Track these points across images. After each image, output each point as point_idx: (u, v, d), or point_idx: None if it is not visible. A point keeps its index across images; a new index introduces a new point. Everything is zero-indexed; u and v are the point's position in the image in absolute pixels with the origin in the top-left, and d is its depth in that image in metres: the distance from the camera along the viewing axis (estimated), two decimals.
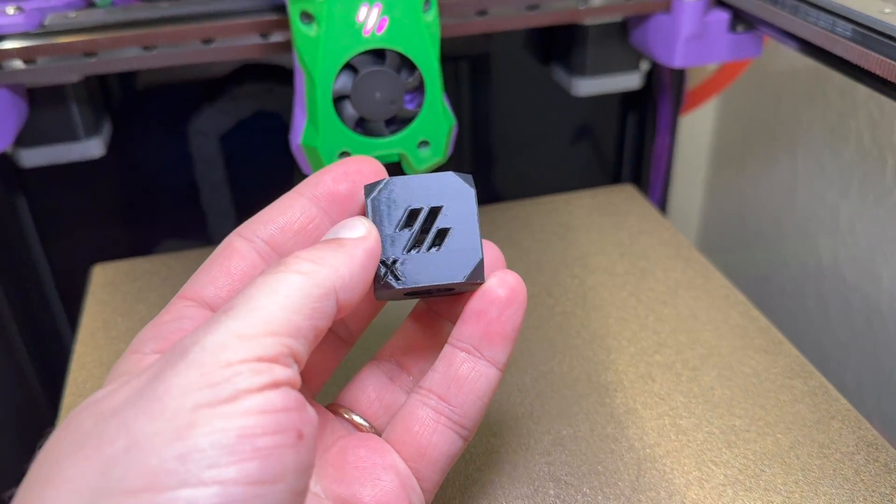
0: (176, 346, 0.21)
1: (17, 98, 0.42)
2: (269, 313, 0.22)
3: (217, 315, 0.22)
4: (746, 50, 0.48)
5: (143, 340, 0.25)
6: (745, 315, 0.42)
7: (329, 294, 0.23)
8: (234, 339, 0.21)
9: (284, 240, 0.27)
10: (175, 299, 0.26)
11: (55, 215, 0.54)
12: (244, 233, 0.27)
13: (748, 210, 0.71)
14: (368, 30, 0.36)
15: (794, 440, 0.34)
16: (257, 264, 0.27)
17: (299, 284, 0.23)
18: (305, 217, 0.27)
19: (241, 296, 0.22)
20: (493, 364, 0.27)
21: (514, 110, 0.60)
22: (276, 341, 0.21)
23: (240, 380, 0.20)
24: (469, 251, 0.26)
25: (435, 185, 0.27)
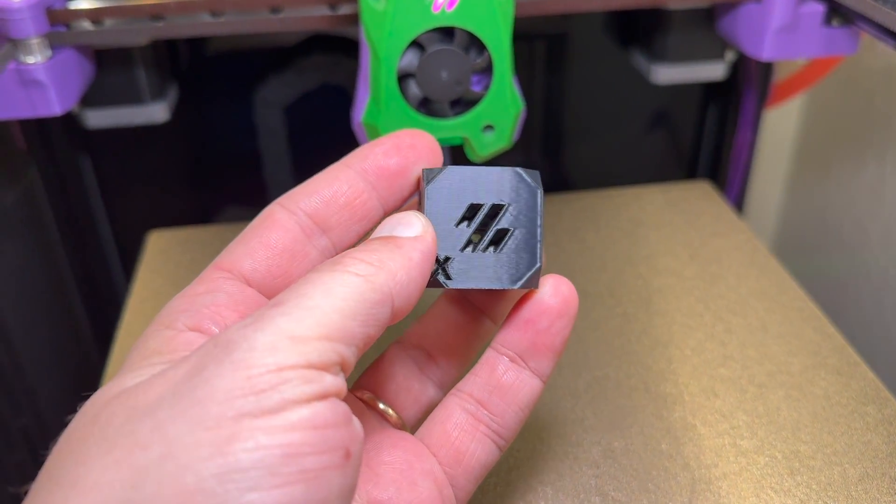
0: (220, 338, 0.20)
1: (84, 59, 0.42)
2: (324, 315, 0.20)
3: (267, 309, 0.20)
4: (841, 45, 0.45)
5: (175, 313, 0.24)
6: (819, 331, 0.39)
7: (386, 300, 0.22)
8: (286, 340, 0.19)
9: (329, 214, 0.26)
10: (210, 269, 0.25)
11: (119, 177, 0.54)
12: (286, 203, 0.26)
13: (830, 213, 0.68)
14: (438, 6, 0.35)
15: (864, 473, 0.32)
16: (298, 238, 0.25)
17: (357, 287, 0.21)
18: (352, 191, 0.26)
19: (294, 291, 0.21)
20: (538, 375, 0.26)
21: (589, 94, 0.58)
22: (329, 347, 0.20)
23: (288, 388, 0.19)
24: (527, 257, 0.25)
25: (499, 180, 0.25)
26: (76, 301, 0.55)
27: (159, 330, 0.23)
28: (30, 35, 0.38)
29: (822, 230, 0.69)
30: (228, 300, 0.24)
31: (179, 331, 0.23)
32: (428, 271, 0.24)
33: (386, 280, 0.22)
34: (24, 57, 0.38)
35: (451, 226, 0.25)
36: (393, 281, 0.22)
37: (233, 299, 0.24)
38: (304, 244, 0.25)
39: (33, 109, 0.39)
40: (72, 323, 0.55)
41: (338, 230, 0.26)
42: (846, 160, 0.65)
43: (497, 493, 0.32)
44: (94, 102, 0.46)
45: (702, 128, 0.59)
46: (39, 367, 0.49)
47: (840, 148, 0.66)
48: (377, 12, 0.35)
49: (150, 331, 0.23)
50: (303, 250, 0.25)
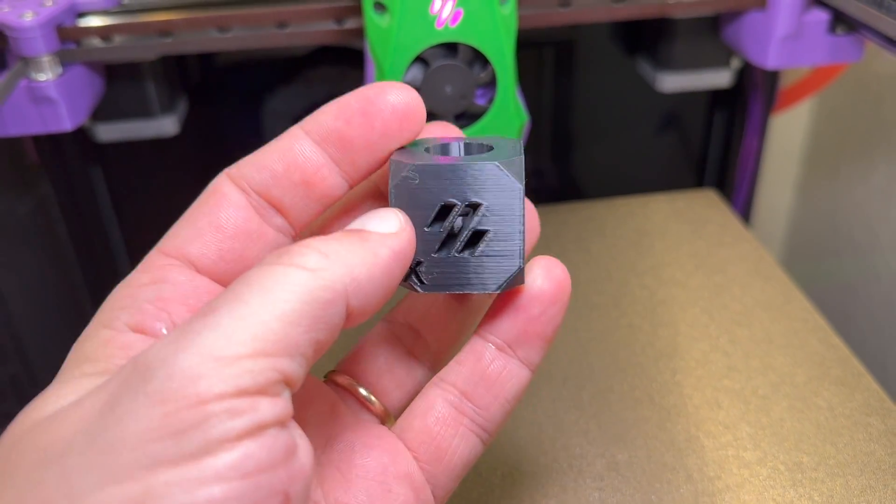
0: (139, 360, 0.17)
1: (94, 74, 0.43)
2: (261, 324, 0.17)
3: (196, 319, 0.17)
4: (846, 53, 0.45)
5: (115, 310, 0.20)
6: (824, 342, 0.39)
7: (338, 299, 0.18)
8: (211, 362, 0.16)
9: (281, 192, 0.22)
10: (153, 254, 0.22)
11: (130, 189, 0.54)
12: (235, 177, 0.22)
13: (840, 217, 0.67)
14: (442, 22, 0.35)
15: (867, 485, 0.32)
16: (251, 217, 0.22)
17: (303, 284, 0.18)
18: (309, 166, 0.22)
19: (228, 294, 0.18)
20: (526, 365, 0.24)
21: (596, 102, 0.58)
22: (266, 365, 0.17)
23: (213, 425, 0.16)
24: (507, 257, 0.22)
25: (475, 176, 0.22)
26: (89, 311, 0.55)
27: (97, 330, 0.20)
28: (41, 53, 0.38)
29: (832, 234, 0.69)
30: (175, 292, 0.21)
31: (118, 331, 0.20)
32: (398, 273, 0.21)
33: (340, 275, 0.19)
34: (36, 74, 0.39)
35: (422, 227, 0.22)
36: (349, 277, 0.19)
37: (180, 291, 0.21)
38: (258, 223, 0.22)
39: (45, 125, 0.40)
40: None
41: (293, 211, 0.22)
42: (855, 164, 0.64)
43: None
44: (104, 117, 0.46)
45: (709, 134, 0.59)
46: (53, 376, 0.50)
47: (849, 152, 0.65)
48: (382, 29, 0.35)
49: (89, 331, 0.20)
50: (258, 230, 0.22)
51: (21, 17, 0.37)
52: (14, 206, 0.49)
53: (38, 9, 0.38)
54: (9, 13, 0.38)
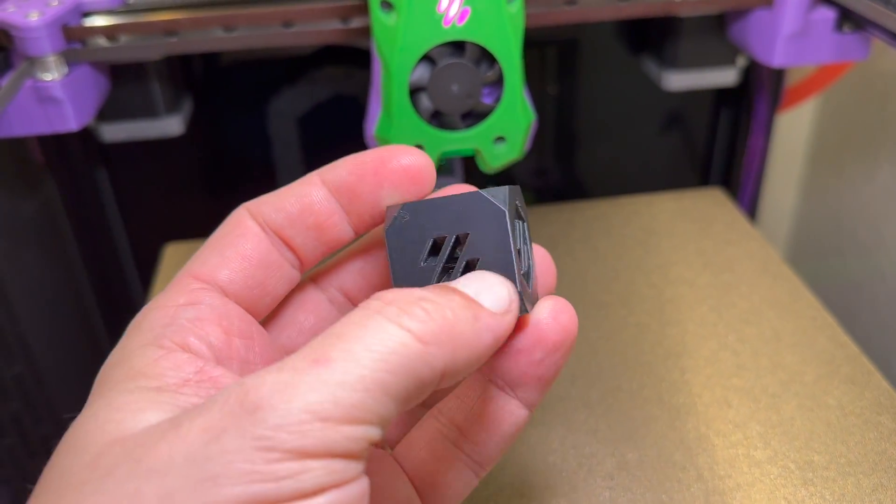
0: (247, 397, 0.18)
1: (99, 74, 0.43)
2: (366, 392, 0.18)
3: (304, 363, 0.18)
4: (852, 51, 0.45)
5: (158, 328, 0.22)
6: (833, 340, 0.39)
7: (435, 380, 0.19)
8: (317, 422, 0.17)
9: (294, 233, 0.24)
10: (184, 277, 0.23)
11: (135, 189, 0.54)
12: (255, 213, 0.24)
13: (845, 216, 0.67)
14: (449, 20, 0.35)
15: (878, 483, 0.32)
16: (270, 250, 0.24)
17: (411, 355, 0.18)
18: (322, 211, 0.24)
19: (341, 341, 0.18)
20: (525, 405, 0.24)
21: (600, 101, 0.58)
22: (362, 434, 0.18)
23: (308, 478, 0.17)
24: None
25: (461, 207, 0.22)
26: (94, 311, 0.55)
27: (143, 347, 0.21)
28: (46, 53, 0.38)
29: (837, 233, 0.69)
30: (212, 314, 0.22)
31: (168, 350, 0.21)
32: (479, 363, 0.20)
33: (444, 357, 0.19)
34: (41, 74, 0.39)
35: (416, 266, 0.23)
36: (450, 358, 0.19)
37: (216, 313, 0.22)
38: (276, 255, 0.24)
39: (50, 125, 0.40)
40: (90, 333, 0.56)
41: (303, 249, 0.24)
42: (860, 163, 0.64)
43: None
44: (109, 117, 0.46)
45: (714, 133, 0.59)
46: (59, 377, 0.50)
47: (854, 151, 0.65)
48: (388, 27, 0.35)
49: (133, 346, 0.21)
50: (276, 261, 0.24)
51: (27, 17, 0.37)
52: (19, 207, 0.49)
53: (44, 8, 0.38)
54: (14, 13, 0.38)
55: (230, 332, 0.23)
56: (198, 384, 0.20)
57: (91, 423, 0.19)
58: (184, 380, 0.20)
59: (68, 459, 0.19)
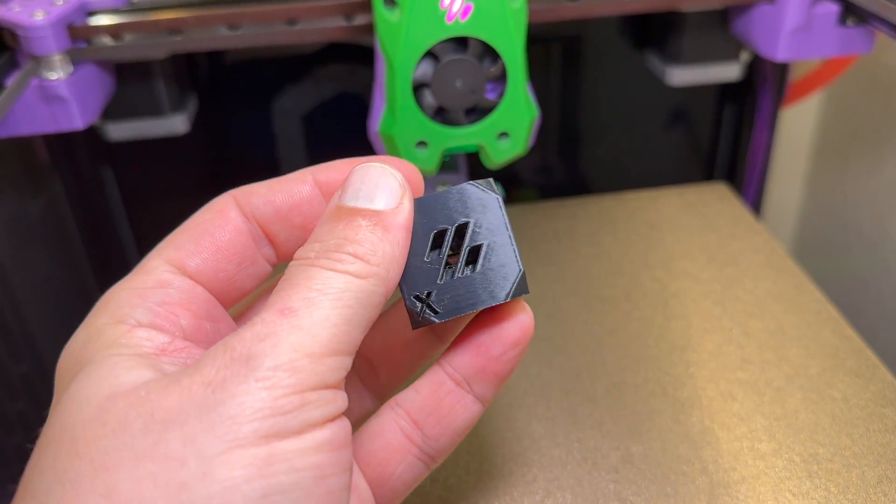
0: (237, 351, 0.19)
1: (104, 73, 0.43)
2: (335, 327, 0.20)
3: (277, 316, 0.20)
4: (856, 45, 0.45)
5: (126, 307, 0.22)
6: (837, 333, 0.39)
7: (383, 298, 0.21)
8: (305, 358, 0.19)
9: (279, 229, 0.24)
10: (154, 258, 0.23)
11: (140, 187, 0.55)
12: (241, 202, 0.24)
13: (850, 210, 0.67)
14: (452, 16, 0.35)
15: (882, 475, 0.32)
16: (248, 244, 0.24)
17: (361, 290, 0.21)
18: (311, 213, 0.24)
19: (300, 294, 0.20)
20: (480, 400, 0.25)
21: (604, 96, 0.58)
22: (340, 363, 0.20)
23: (310, 410, 0.19)
24: (507, 265, 0.23)
25: (454, 201, 0.24)
26: None
27: (113, 325, 0.22)
28: (51, 52, 0.38)
29: (842, 227, 0.69)
30: (181, 298, 0.23)
31: (134, 326, 0.22)
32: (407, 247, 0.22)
33: (384, 277, 0.21)
34: (47, 73, 0.39)
35: (421, 260, 0.23)
36: (386, 277, 0.21)
37: (185, 297, 0.23)
38: (252, 250, 0.24)
39: (56, 124, 0.40)
40: None
41: (284, 246, 0.25)
42: (865, 157, 0.64)
43: (514, 499, 0.32)
44: (115, 115, 0.47)
45: (718, 128, 0.59)
46: None
47: (859, 145, 0.65)
48: (392, 24, 0.35)
49: (101, 324, 0.22)
50: (251, 256, 0.24)
51: (32, 16, 0.38)
52: (25, 206, 0.49)
53: (49, 8, 0.39)
54: (20, 12, 0.38)
55: (199, 316, 0.23)
56: (172, 353, 0.21)
57: (83, 384, 0.20)
58: (160, 348, 0.21)
59: (70, 417, 0.19)
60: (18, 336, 0.46)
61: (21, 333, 0.46)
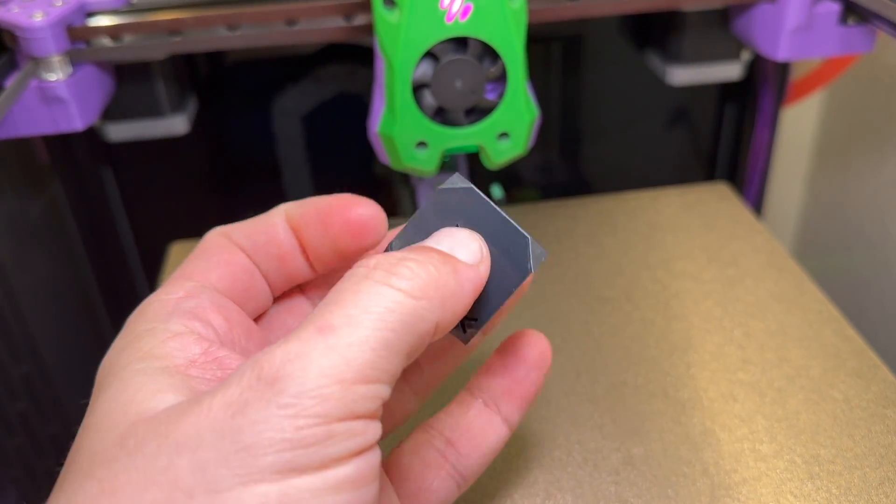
0: (264, 370, 0.18)
1: (104, 74, 0.43)
2: (373, 353, 0.19)
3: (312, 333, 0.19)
4: (857, 44, 0.45)
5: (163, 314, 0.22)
6: (839, 333, 0.39)
7: (431, 332, 0.20)
8: (335, 385, 0.18)
9: (260, 260, 0.25)
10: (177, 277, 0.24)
11: (140, 188, 0.55)
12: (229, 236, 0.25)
13: (851, 210, 0.67)
14: (451, 17, 0.35)
15: (884, 476, 0.32)
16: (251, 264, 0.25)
17: (409, 313, 0.19)
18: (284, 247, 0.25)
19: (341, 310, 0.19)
20: (507, 423, 0.27)
21: (605, 96, 0.58)
22: (375, 392, 0.19)
23: (335, 443, 0.18)
24: (515, 242, 0.23)
25: (438, 209, 0.24)
26: (100, 310, 0.55)
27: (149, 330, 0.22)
28: (51, 53, 0.38)
29: (844, 227, 0.69)
30: (212, 304, 0.23)
31: (173, 332, 0.22)
32: (463, 312, 0.22)
33: (436, 309, 0.20)
34: (46, 74, 0.39)
35: None
36: (441, 311, 0.20)
37: (215, 303, 0.23)
38: (255, 279, 0.25)
39: (55, 125, 0.40)
40: (96, 332, 0.56)
41: (269, 276, 0.26)
42: (866, 156, 0.64)
43: (515, 501, 0.32)
44: (114, 116, 0.46)
45: (719, 128, 0.59)
46: (66, 377, 0.50)
47: (860, 144, 0.65)
48: (391, 24, 0.35)
49: (139, 330, 0.22)
50: (256, 272, 0.25)
51: (31, 18, 0.37)
52: (25, 206, 0.49)
53: (48, 9, 0.38)
54: (19, 13, 0.38)
55: (230, 321, 0.23)
56: (203, 365, 0.21)
57: (111, 405, 0.20)
58: (190, 360, 0.21)
59: (94, 440, 0.19)
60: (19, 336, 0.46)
61: (21, 334, 0.46)
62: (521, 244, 0.23)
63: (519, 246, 0.23)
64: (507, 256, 0.23)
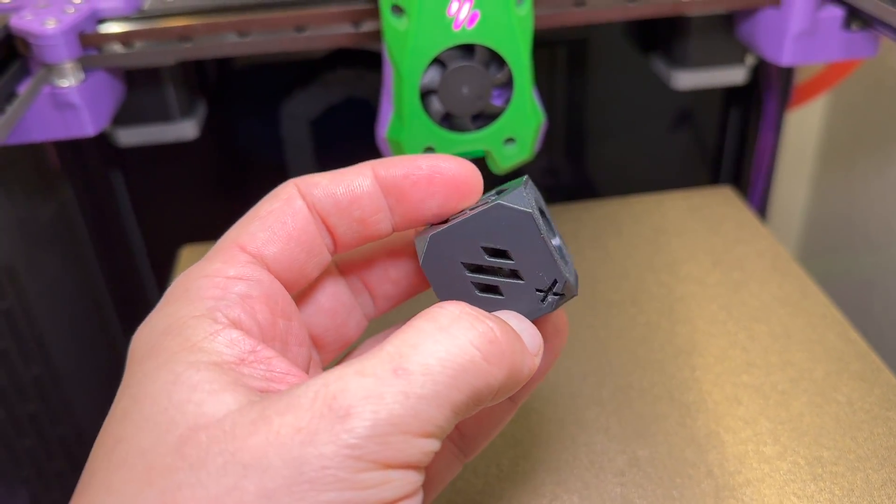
0: (337, 399, 0.18)
1: (115, 80, 0.43)
2: (439, 409, 0.19)
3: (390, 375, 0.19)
4: (860, 49, 0.45)
5: (210, 300, 0.21)
6: (842, 337, 0.39)
7: (487, 399, 0.21)
8: (401, 435, 0.18)
9: (337, 221, 0.24)
10: (231, 246, 0.23)
11: (150, 193, 0.55)
12: (305, 191, 0.24)
13: (856, 213, 0.67)
14: (459, 24, 0.35)
15: (887, 478, 0.32)
16: (314, 234, 0.24)
17: (478, 376, 0.20)
18: (369, 208, 0.24)
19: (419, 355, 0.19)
20: (514, 399, 0.26)
21: (610, 100, 0.59)
22: (431, 446, 0.19)
23: (390, 489, 0.18)
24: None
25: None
26: (111, 314, 0.56)
27: (197, 318, 0.21)
28: (63, 59, 0.39)
29: (848, 230, 0.69)
30: (260, 291, 0.22)
31: (221, 325, 0.21)
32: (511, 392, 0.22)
33: (499, 380, 0.20)
34: (58, 80, 0.39)
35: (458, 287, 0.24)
36: (504, 382, 0.21)
37: (264, 291, 0.22)
38: (319, 239, 0.24)
39: (67, 131, 0.41)
40: (107, 335, 0.56)
41: (342, 239, 0.24)
42: (871, 159, 0.64)
43: (522, 503, 0.32)
44: (125, 121, 0.47)
45: (724, 131, 0.59)
46: (76, 379, 0.51)
47: (865, 147, 0.65)
48: (399, 31, 0.35)
49: (184, 316, 0.21)
50: (318, 245, 0.24)
51: (44, 25, 0.38)
52: (36, 211, 0.50)
53: (61, 16, 0.39)
54: (32, 20, 0.38)
55: (275, 313, 0.23)
56: (252, 364, 0.21)
57: (164, 401, 0.19)
58: (240, 358, 0.21)
59: (146, 437, 0.19)
60: (29, 339, 0.46)
61: (32, 336, 0.46)
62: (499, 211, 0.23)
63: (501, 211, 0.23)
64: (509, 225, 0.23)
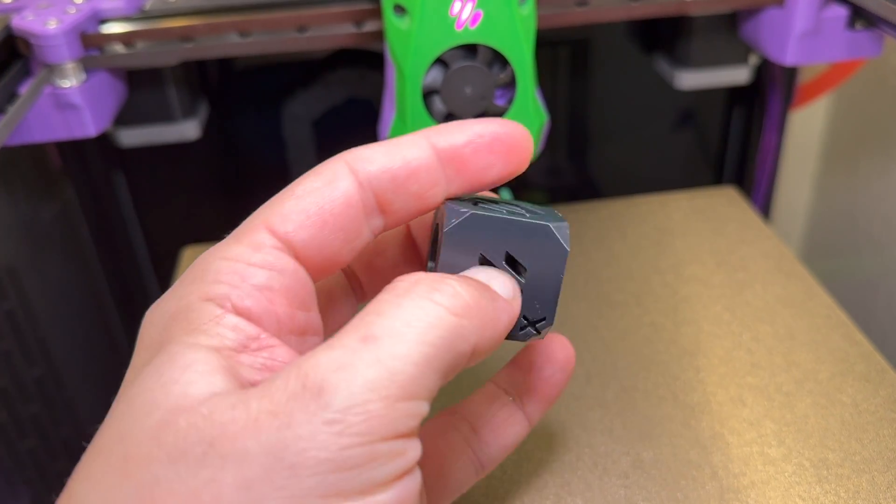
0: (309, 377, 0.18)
1: (116, 80, 0.43)
2: (417, 369, 0.18)
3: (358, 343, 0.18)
4: (865, 49, 0.45)
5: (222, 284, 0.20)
6: (847, 338, 0.39)
7: (468, 353, 0.20)
8: (380, 401, 0.18)
9: (393, 197, 0.22)
10: (260, 227, 0.21)
11: (152, 193, 0.55)
12: (355, 168, 0.22)
13: (860, 212, 0.67)
14: (461, 24, 0.35)
15: (892, 480, 0.32)
16: (359, 218, 0.22)
17: (450, 331, 0.19)
18: (428, 181, 0.22)
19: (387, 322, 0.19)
20: (528, 420, 0.27)
21: (613, 100, 0.58)
22: (417, 408, 0.18)
23: (377, 466, 0.18)
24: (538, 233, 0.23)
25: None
26: (113, 314, 0.56)
27: (204, 302, 0.20)
28: (65, 60, 0.39)
29: (852, 231, 0.69)
30: (283, 284, 0.21)
31: (227, 310, 0.20)
32: (497, 344, 0.22)
33: (476, 331, 0.20)
34: (60, 81, 0.39)
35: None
36: (479, 333, 0.20)
37: (287, 283, 0.21)
38: (360, 223, 0.22)
39: (69, 131, 0.41)
40: (109, 336, 0.56)
41: (396, 216, 0.22)
42: (874, 159, 0.64)
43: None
44: (126, 122, 0.47)
45: (727, 132, 0.59)
46: (78, 379, 0.51)
47: (868, 147, 0.65)
48: (402, 31, 0.35)
49: (194, 299, 0.20)
50: (357, 229, 0.22)
51: (45, 25, 0.38)
52: (38, 211, 0.50)
53: (62, 16, 0.39)
54: (33, 21, 0.38)
55: (294, 305, 0.21)
56: (254, 351, 0.20)
57: (153, 380, 0.19)
58: (242, 344, 0.20)
59: (127, 422, 0.18)
60: (31, 339, 0.46)
61: (34, 337, 0.46)
62: (544, 232, 0.23)
63: (545, 235, 0.23)
64: (541, 250, 0.23)
